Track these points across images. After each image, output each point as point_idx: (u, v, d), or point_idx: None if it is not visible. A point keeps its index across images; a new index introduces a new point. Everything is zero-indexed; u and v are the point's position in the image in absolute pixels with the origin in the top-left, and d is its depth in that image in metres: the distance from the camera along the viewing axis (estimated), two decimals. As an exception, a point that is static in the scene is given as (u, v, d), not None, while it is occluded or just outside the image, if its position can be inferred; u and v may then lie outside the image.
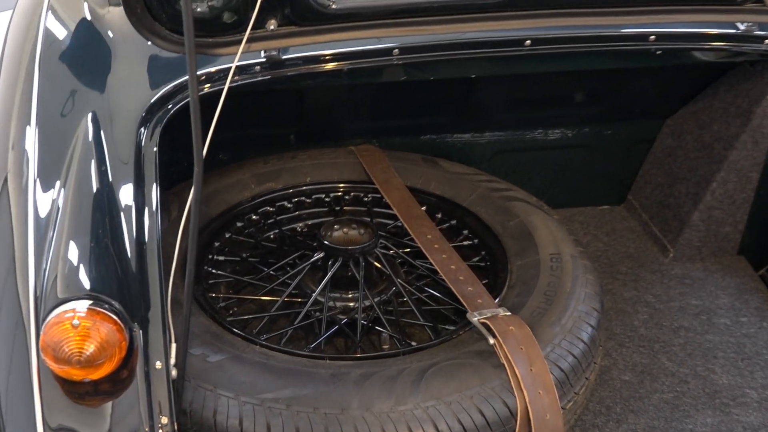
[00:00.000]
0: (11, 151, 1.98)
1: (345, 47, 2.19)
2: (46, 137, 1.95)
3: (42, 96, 2.02)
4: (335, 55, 2.19)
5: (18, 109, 2.04)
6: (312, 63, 2.20)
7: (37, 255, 1.74)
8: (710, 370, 2.35)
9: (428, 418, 1.73)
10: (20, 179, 1.89)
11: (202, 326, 1.94)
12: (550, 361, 1.88)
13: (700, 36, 2.35)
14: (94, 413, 1.64)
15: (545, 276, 2.13)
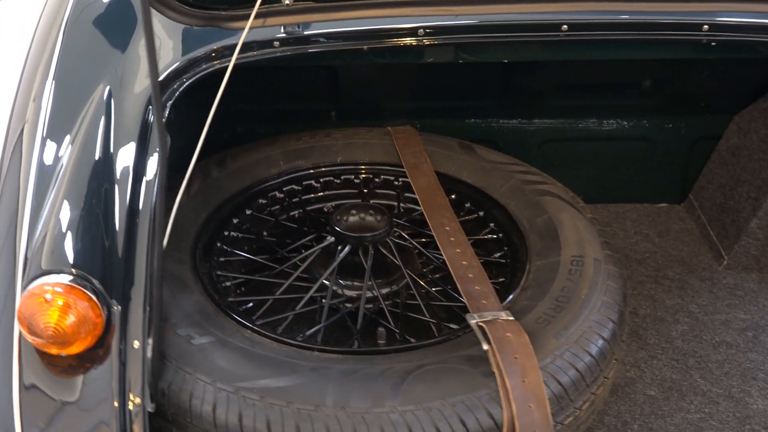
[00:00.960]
0: (32, 102, 2.00)
1: (368, 25, 2.11)
2: (61, 97, 1.97)
3: (63, 58, 2.03)
4: (358, 32, 2.11)
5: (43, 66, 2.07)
6: (334, 40, 2.12)
7: (33, 214, 1.76)
8: (746, 392, 2.16)
9: (404, 423, 1.64)
10: (35, 131, 1.92)
11: (198, 306, 1.92)
12: (548, 373, 1.76)
13: (760, 28, 2.13)
14: (66, 383, 1.65)
15: (561, 280, 1.99)
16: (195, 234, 2.18)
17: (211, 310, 1.92)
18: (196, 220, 2.22)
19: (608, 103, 2.70)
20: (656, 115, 2.73)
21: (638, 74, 2.59)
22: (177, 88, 2.03)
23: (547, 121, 2.75)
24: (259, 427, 1.65)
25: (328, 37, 2.12)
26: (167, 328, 1.83)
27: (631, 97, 2.68)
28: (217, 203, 2.30)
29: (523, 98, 2.68)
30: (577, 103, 2.70)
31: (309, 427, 1.64)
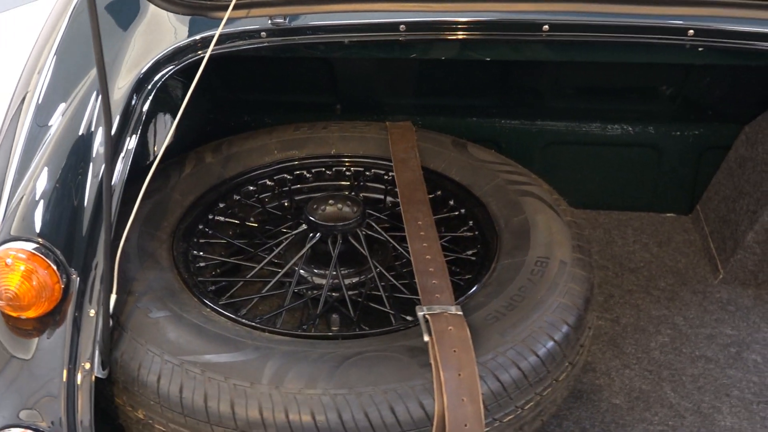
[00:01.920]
0: (36, 74, 2.13)
1: (351, 19, 2.15)
2: (59, 73, 2.11)
3: (67, 38, 2.16)
4: (340, 25, 2.16)
5: (50, 43, 2.20)
6: (317, 32, 2.17)
7: (16, 178, 1.89)
8: (716, 408, 2.11)
9: (334, 406, 1.68)
10: (32, 101, 2.05)
11: (165, 283, 2.00)
12: (487, 369, 1.76)
13: (749, 35, 2.08)
14: (22, 342, 1.77)
15: (521, 279, 1.99)
16: (179, 215, 2.26)
17: (177, 287, 2.00)
18: (182, 203, 2.31)
19: (612, 108, 2.67)
20: (662, 122, 2.68)
21: (641, 79, 2.55)
22: (163, 75, 2.11)
23: (550, 123, 2.74)
24: (196, 399, 1.72)
25: (313, 30, 2.18)
26: (129, 301, 1.91)
27: (635, 102, 2.64)
28: (206, 187, 2.38)
29: (524, 99, 2.68)
30: (579, 105, 2.68)
31: (243, 403, 1.70)
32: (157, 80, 2.12)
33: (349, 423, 1.68)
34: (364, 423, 1.68)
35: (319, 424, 1.68)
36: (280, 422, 1.68)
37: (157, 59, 2.12)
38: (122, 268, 1.98)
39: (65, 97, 2.05)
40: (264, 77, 2.73)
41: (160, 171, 2.43)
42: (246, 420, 1.69)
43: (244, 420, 1.69)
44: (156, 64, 2.12)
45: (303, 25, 2.17)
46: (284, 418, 1.68)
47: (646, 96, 2.61)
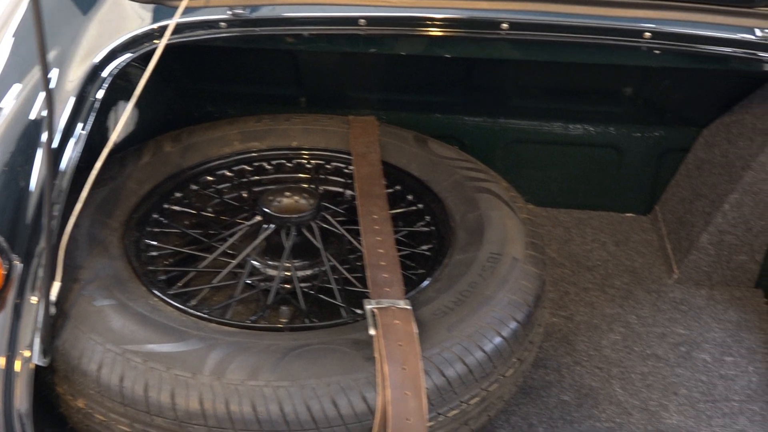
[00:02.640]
0: None
1: (310, 12, 2.15)
2: (17, 56, 2.08)
3: (26, 21, 2.14)
4: (300, 18, 2.16)
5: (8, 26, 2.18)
6: (277, 24, 2.17)
7: None
8: (663, 406, 2.12)
9: (275, 398, 1.68)
10: None
11: (113, 271, 1.98)
12: (432, 364, 1.77)
13: (705, 39, 2.09)
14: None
15: (471, 275, 2.00)
16: (133, 204, 2.24)
17: (125, 276, 1.98)
18: (137, 191, 2.29)
19: (574, 108, 2.67)
20: (623, 123, 2.69)
21: (602, 80, 2.56)
22: (120, 63, 2.10)
23: (512, 121, 2.74)
24: (137, 389, 1.70)
25: (273, 21, 2.17)
26: (75, 288, 1.89)
27: (597, 103, 2.65)
28: (163, 177, 2.36)
29: (487, 96, 2.68)
30: (542, 105, 2.68)
31: (184, 394, 1.69)
32: (113, 68, 2.10)
33: (291, 415, 1.67)
34: (305, 415, 1.68)
35: (260, 416, 1.67)
36: (220, 414, 1.67)
37: (113, 47, 2.11)
38: (70, 255, 1.97)
39: (19, 81, 2.03)
40: (228, 68, 2.71)
41: (118, 159, 2.42)
42: (186, 411, 1.68)
43: (184, 411, 1.68)
44: (112, 52, 2.11)
45: (263, 16, 2.16)
46: (224, 410, 1.67)
47: (607, 97, 2.62)
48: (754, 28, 2.09)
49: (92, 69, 2.06)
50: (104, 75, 2.07)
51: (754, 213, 2.38)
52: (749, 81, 2.43)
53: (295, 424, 1.68)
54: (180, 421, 1.69)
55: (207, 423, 1.68)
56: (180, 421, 1.69)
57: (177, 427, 1.70)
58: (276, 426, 1.68)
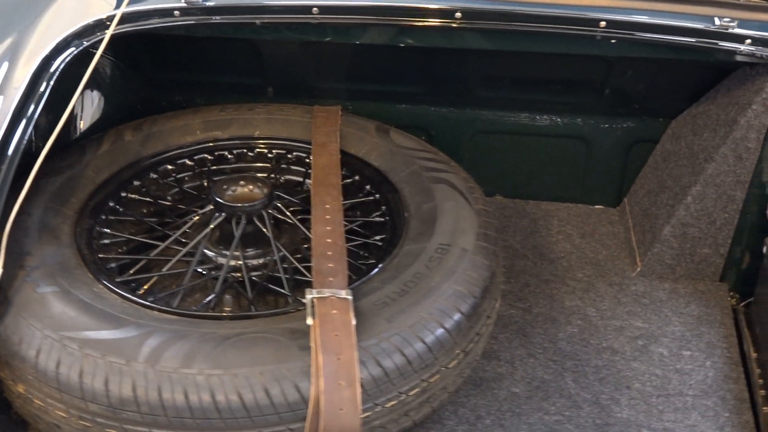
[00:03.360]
0: None
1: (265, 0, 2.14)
2: None
3: None
4: (254, 7, 2.15)
5: None
6: (233, 13, 2.16)
7: None
8: (615, 400, 2.11)
9: (207, 386, 1.67)
10: None
11: (61, 258, 1.98)
12: (370, 355, 1.76)
13: (662, 28, 2.07)
14: None
15: (417, 266, 1.98)
16: (89, 192, 2.25)
17: (73, 263, 1.98)
18: (94, 179, 2.29)
19: (540, 98, 2.65)
20: (591, 115, 2.67)
21: (566, 70, 2.53)
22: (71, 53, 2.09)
23: (479, 111, 2.72)
24: (72, 376, 1.71)
25: (227, 10, 2.16)
26: (19, 275, 1.90)
27: (562, 93, 2.62)
28: (121, 165, 2.36)
29: (452, 87, 2.65)
30: (507, 95, 2.66)
31: (117, 381, 1.69)
32: (65, 57, 2.09)
33: (222, 404, 1.67)
34: (237, 404, 1.68)
35: (192, 404, 1.67)
36: (152, 401, 1.67)
37: (65, 36, 2.10)
38: (18, 242, 1.98)
39: None
40: (194, 58, 2.71)
41: (77, 148, 2.43)
42: (119, 398, 1.68)
43: (117, 397, 1.68)
44: (64, 42, 2.10)
45: (217, 4, 2.15)
46: (157, 397, 1.67)
47: (572, 88, 2.59)
48: (713, 17, 2.06)
49: (44, 58, 2.06)
50: (55, 65, 2.07)
51: (717, 205, 2.35)
52: (716, 71, 2.40)
53: (226, 413, 1.68)
54: (113, 407, 1.70)
55: (140, 410, 1.68)
56: (113, 408, 1.70)
57: (111, 413, 1.70)
58: (208, 414, 1.68)
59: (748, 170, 2.28)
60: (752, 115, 2.20)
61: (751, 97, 2.20)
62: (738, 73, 2.30)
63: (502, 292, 2.43)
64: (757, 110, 2.19)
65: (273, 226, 2.28)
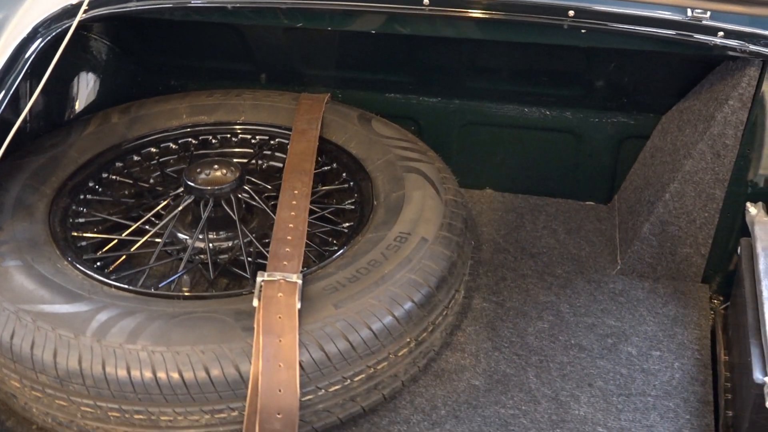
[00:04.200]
0: None
1: None
2: None
3: None
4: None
5: None
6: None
7: None
8: (575, 397, 2.08)
9: (149, 362, 1.72)
10: None
11: (31, 234, 2.05)
12: (313, 338, 1.78)
13: (633, 18, 2.03)
14: None
15: (374, 253, 2.00)
16: (70, 172, 2.31)
17: (42, 239, 2.05)
18: (76, 160, 2.35)
19: (528, 90, 2.62)
20: (580, 108, 2.62)
21: (549, 62, 2.50)
22: (43, 39, 2.14)
23: (467, 102, 2.70)
24: (24, 347, 1.77)
25: None
26: (-13, 249, 1.97)
27: (549, 85, 2.58)
28: (105, 147, 2.43)
29: (439, 77, 2.64)
30: (495, 86, 2.63)
31: (65, 353, 1.74)
32: (38, 45, 2.14)
33: (163, 380, 1.72)
34: (177, 381, 1.72)
35: (134, 379, 1.72)
36: (97, 374, 1.72)
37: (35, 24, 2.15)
38: (-10, 217, 2.06)
39: None
40: (188, 43, 2.75)
41: (64, 129, 2.50)
42: (66, 370, 1.74)
43: (65, 370, 1.74)
44: (43, 23, 2.16)
45: None
46: (101, 371, 1.72)
47: (557, 79, 2.55)
48: (686, 8, 2.02)
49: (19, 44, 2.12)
50: (31, 49, 2.12)
51: (697, 204, 2.30)
52: (704, 66, 2.34)
53: (167, 389, 1.72)
54: (61, 379, 1.75)
55: (85, 383, 1.74)
56: (61, 380, 1.75)
57: (58, 384, 1.76)
58: (149, 390, 1.72)
59: (727, 168, 2.22)
60: (729, 111, 2.14)
61: (728, 92, 2.14)
62: (721, 67, 2.24)
63: (477, 286, 2.44)
64: (734, 105, 2.13)
65: (246, 211, 2.31)
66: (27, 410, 1.87)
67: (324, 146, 2.45)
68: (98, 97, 2.75)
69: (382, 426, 2.00)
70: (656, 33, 2.03)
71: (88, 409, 1.77)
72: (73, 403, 1.77)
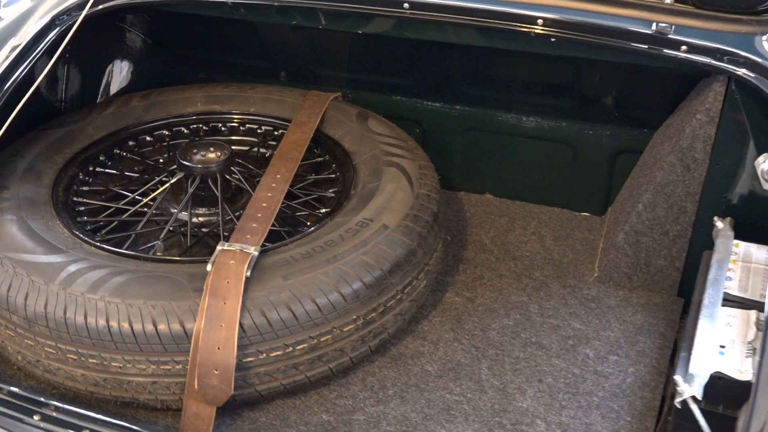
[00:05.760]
0: None
1: None
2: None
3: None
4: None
5: None
6: None
7: None
8: (521, 391, 2.13)
9: (104, 311, 1.89)
10: None
11: (32, 195, 2.26)
12: (256, 304, 1.91)
13: (599, 29, 2.09)
14: None
15: (333, 235, 2.11)
16: (84, 146, 2.53)
17: (42, 201, 2.26)
18: (92, 135, 2.57)
19: (525, 99, 2.69)
20: (575, 120, 2.68)
21: (537, 71, 2.57)
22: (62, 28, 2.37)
23: (468, 108, 2.79)
24: (2, 289, 1.97)
25: None
26: (-9, 205, 2.20)
27: (543, 95, 2.65)
28: (121, 126, 2.64)
29: (441, 82, 2.75)
30: (494, 95, 2.71)
31: (34, 297, 1.93)
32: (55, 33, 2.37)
33: (114, 328, 1.88)
34: (127, 331, 1.88)
35: (89, 325, 1.89)
36: (58, 318, 1.90)
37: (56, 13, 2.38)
38: (2, 178, 2.29)
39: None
40: (216, 39, 2.95)
41: (87, 107, 2.73)
42: (34, 312, 1.92)
43: (32, 312, 1.93)
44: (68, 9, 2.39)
45: None
46: (62, 315, 1.90)
47: (549, 90, 2.61)
48: (652, 22, 2.07)
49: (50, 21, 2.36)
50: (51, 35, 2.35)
51: (669, 216, 2.31)
52: (690, 82, 2.36)
53: (117, 337, 1.88)
54: (29, 320, 1.94)
55: (48, 325, 1.92)
56: (29, 321, 1.94)
57: (27, 325, 1.95)
58: (102, 336, 1.89)
59: (698, 182, 2.24)
60: (697, 125, 2.16)
61: (697, 107, 2.16)
62: (699, 82, 2.26)
63: (453, 281, 2.52)
64: (701, 120, 2.15)
65: (236, 192, 2.48)
66: (3, 348, 2.07)
67: (321, 139, 2.59)
68: (129, 84, 2.98)
69: (329, 399, 2.11)
70: (623, 45, 2.09)
71: (50, 350, 1.95)
72: (38, 343, 1.95)
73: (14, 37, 2.33)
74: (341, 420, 2.05)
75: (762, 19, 2.00)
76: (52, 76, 2.70)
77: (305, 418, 2.05)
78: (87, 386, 1.98)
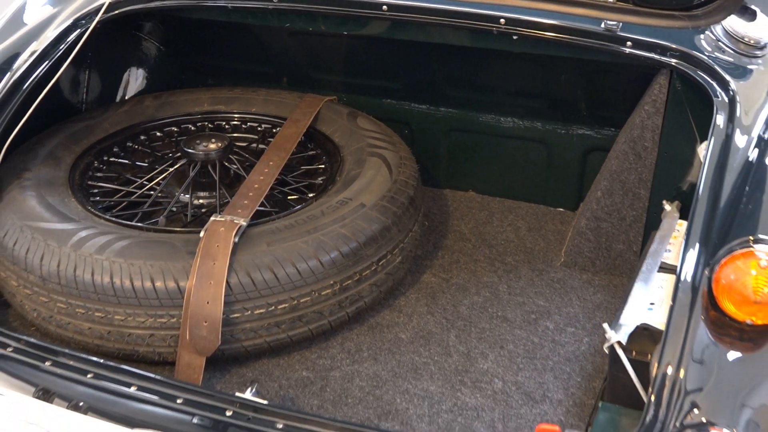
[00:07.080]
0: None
1: None
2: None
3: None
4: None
5: None
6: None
7: None
8: (484, 355, 2.34)
9: (109, 269, 2.14)
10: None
11: (51, 177, 2.53)
12: (242, 266, 2.15)
13: (555, 28, 2.34)
14: None
15: (314, 211, 2.36)
16: (100, 138, 2.81)
17: (60, 182, 2.53)
18: (108, 130, 2.86)
19: (501, 100, 2.93)
20: (548, 120, 2.91)
21: (515, 74, 2.81)
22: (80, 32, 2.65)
23: (451, 110, 3.04)
24: (21, 252, 2.23)
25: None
26: (14, 183, 2.46)
27: (518, 96, 2.89)
28: (134, 122, 2.92)
29: (425, 85, 3.00)
30: (474, 96, 2.96)
31: (48, 259, 2.20)
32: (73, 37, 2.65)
33: (117, 285, 2.13)
34: (128, 287, 2.13)
35: (96, 281, 2.15)
36: (69, 275, 2.16)
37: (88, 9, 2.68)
38: (25, 162, 2.57)
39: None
40: (225, 46, 3.23)
41: (103, 106, 3.03)
42: (48, 271, 2.19)
43: (47, 271, 2.19)
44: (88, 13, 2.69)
45: None
46: (72, 273, 2.16)
47: (524, 91, 2.85)
48: (602, 20, 2.31)
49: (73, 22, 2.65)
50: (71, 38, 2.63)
51: (624, 202, 2.53)
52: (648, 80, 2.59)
53: (120, 293, 2.14)
54: (43, 278, 2.20)
55: (60, 282, 2.18)
56: (43, 279, 2.20)
57: (42, 283, 2.21)
58: (106, 292, 2.15)
59: (649, 169, 2.45)
60: (645, 116, 2.39)
61: (646, 99, 2.39)
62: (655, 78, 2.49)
63: (431, 264, 2.74)
64: (649, 111, 2.38)
65: (234, 178, 2.74)
66: (21, 307, 2.32)
67: (314, 135, 2.86)
68: (145, 88, 3.27)
69: (310, 359, 2.34)
70: (576, 41, 2.33)
71: (62, 305, 2.20)
72: (51, 299, 2.21)
73: (36, 41, 2.61)
74: (319, 376, 2.28)
75: (693, 14, 2.23)
76: (75, 80, 3.00)
77: (287, 374, 2.28)
78: (93, 339, 2.23)
